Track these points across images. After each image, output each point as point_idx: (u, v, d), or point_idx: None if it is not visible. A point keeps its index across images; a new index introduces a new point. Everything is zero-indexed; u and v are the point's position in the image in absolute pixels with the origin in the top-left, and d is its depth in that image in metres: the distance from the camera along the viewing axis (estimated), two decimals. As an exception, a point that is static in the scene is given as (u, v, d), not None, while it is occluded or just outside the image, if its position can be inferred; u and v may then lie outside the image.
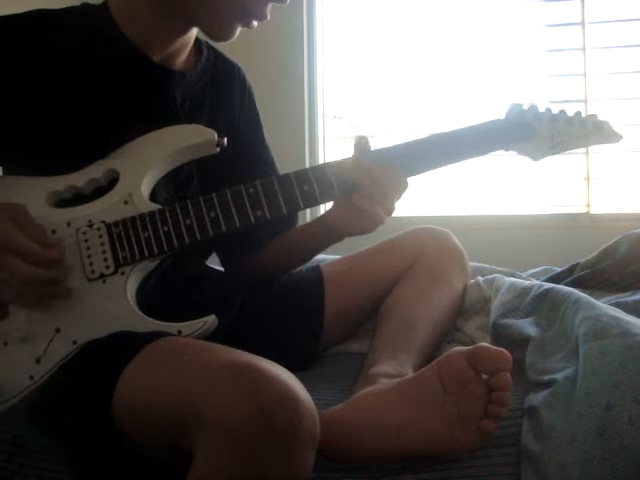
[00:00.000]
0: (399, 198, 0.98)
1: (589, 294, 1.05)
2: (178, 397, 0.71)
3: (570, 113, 1.01)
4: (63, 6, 1.02)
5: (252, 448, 0.65)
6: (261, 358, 0.72)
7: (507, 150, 1.01)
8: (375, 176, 0.94)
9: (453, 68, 2.57)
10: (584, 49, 2.49)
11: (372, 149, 0.97)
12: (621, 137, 1.01)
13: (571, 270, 1.36)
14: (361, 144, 0.97)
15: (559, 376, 0.88)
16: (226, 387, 0.67)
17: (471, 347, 0.83)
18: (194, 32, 1.05)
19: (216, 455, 0.66)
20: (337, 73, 2.75)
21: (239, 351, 0.74)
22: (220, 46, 1.19)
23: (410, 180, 0.99)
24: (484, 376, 0.82)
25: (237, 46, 1.06)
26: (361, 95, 2.72)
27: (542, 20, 2.55)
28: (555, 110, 1.01)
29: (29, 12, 0.99)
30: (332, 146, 2.72)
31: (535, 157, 1.01)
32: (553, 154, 1.01)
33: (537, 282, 1.17)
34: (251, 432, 0.65)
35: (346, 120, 2.82)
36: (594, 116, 1.00)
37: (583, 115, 1.00)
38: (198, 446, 0.67)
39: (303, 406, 0.67)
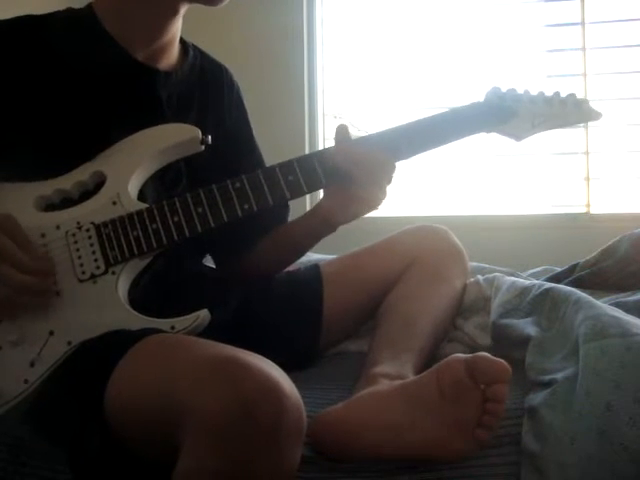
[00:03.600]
0: (389, 181, 0.99)
1: (589, 294, 1.05)
2: (164, 393, 0.71)
3: (549, 93, 1.03)
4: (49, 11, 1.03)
5: (235, 441, 0.65)
6: (246, 352, 0.71)
7: (488, 132, 1.02)
8: (360, 161, 0.96)
9: (453, 68, 2.57)
10: (584, 49, 2.49)
11: (354, 137, 0.99)
12: (601, 115, 1.03)
13: (571, 270, 1.36)
14: (342, 132, 0.98)
15: (559, 376, 0.88)
16: (209, 381, 0.67)
17: (470, 356, 0.83)
18: (178, 26, 1.05)
19: (200, 449, 0.66)
20: (337, 73, 2.75)
21: (224, 345, 0.74)
22: (220, 46, 1.19)
23: (410, 179, 1.00)
24: (482, 386, 0.82)
25: (238, 46, 1.07)
26: (361, 95, 2.72)
27: (542, 20, 2.55)
28: (534, 91, 1.03)
29: (18, 17, 1.00)
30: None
31: (518, 138, 1.03)
32: (535, 134, 1.02)
33: (537, 282, 1.17)
34: (234, 425, 0.64)
35: (346, 120, 2.82)
36: (573, 95, 1.02)
37: (562, 95, 1.02)
38: (184, 441, 0.67)
39: (287, 399, 0.67)
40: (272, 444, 0.66)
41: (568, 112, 1.01)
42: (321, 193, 1.07)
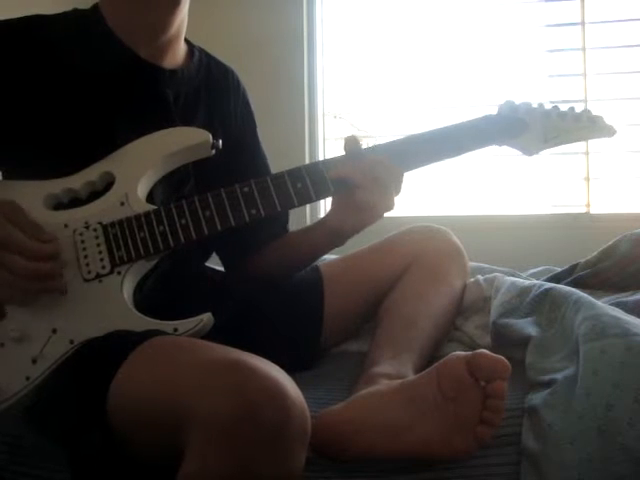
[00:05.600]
0: (397, 192, 0.99)
1: (589, 294, 1.05)
2: (169, 395, 0.71)
3: (563, 108, 1.02)
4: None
5: (241, 445, 0.65)
6: (251, 355, 0.72)
7: (500, 145, 1.02)
8: (369, 171, 0.95)
9: (453, 68, 2.57)
10: (584, 49, 2.49)
11: (364, 148, 0.99)
12: (615, 131, 1.03)
13: (571, 270, 1.36)
14: (351, 143, 0.98)
15: (559, 376, 0.88)
16: (214, 384, 0.67)
17: (470, 353, 0.83)
18: (181, 22, 1.05)
19: (205, 452, 0.66)
20: (337, 73, 2.75)
21: (229, 348, 0.74)
22: (220, 46, 1.19)
23: (410, 179, 1.00)
24: (482, 383, 0.82)
25: (238, 46, 1.07)
26: (361, 95, 2.72)
27: (542, 20, 2.55)
28: (548, 106, 1.03)
29: (25, 17, 1.00)
30: (332, 146, 2.72)
31: (529, 152, 1.02)
32: (547, 148, 1.02)
33: (537, 282, 1.17)
34: (239, 429, 0.64)
35: (346, 120, 2.82)
36: (588, 111, 1.02)
37: (577, 110, 1.01)
38: (188, 444, 0.67)
39: (292, 403, 0.67)
40: (277, 448, 0.66)
41: (582, 127, 1.01)
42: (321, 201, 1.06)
